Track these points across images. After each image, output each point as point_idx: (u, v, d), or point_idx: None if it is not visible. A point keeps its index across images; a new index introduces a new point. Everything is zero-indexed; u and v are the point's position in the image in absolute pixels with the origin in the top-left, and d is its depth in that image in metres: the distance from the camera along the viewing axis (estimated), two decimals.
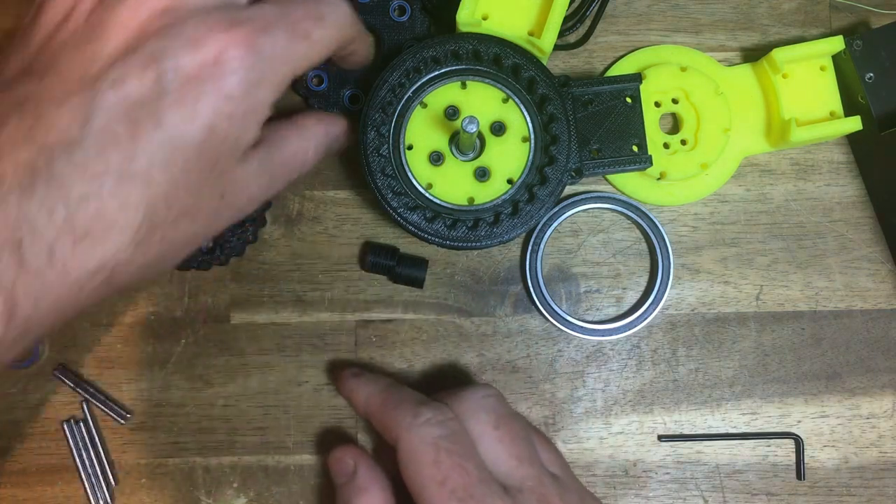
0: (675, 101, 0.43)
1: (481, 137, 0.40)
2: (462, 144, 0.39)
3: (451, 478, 0.32)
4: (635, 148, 0.41)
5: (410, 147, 0.40)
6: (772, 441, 0.43)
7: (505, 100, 0.40)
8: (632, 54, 0.44)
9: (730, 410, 0.43)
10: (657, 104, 0.43)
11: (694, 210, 0.44)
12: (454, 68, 0.40)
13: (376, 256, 0.42)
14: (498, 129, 0.40)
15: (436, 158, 0.40)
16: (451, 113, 0.40)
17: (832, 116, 0.42)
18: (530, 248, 0.43)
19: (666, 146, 0.43)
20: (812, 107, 0.42)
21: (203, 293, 0.43)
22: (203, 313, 0.43)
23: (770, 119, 0.43)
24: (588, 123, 0.40)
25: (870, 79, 0.41)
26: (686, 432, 0.43)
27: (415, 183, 0.39)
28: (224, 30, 0.29)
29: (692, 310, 0.43)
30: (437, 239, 0.38)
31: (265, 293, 0.43)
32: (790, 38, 0.45)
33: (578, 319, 0.42)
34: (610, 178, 0.43)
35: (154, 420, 0.43)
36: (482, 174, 0.40)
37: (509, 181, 0.40)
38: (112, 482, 0.42)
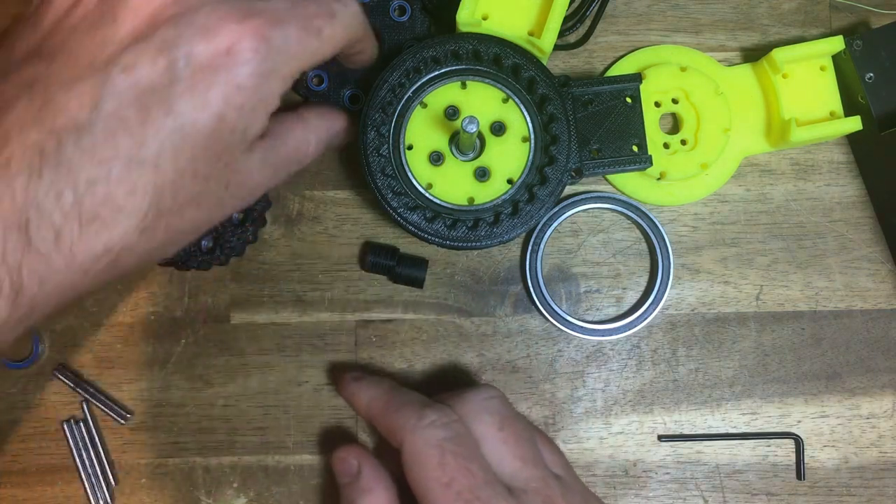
0: (675, 101, 0.43)
1: (481, 137, 0.40)
2: (462, 144, 0.39)
3: (457, 479, 0.32)
4: (635, 148, 0.41)
5: (410, 147, 0.40)
6: (772, 441, 0.43)
7: (505, 100, 0.40)
8: (632, 54, 0.44)
9: (730, 410, 0.43)
10: (657, 104, 0.43)
11: (694, 210, 0.44)
12: (454, 68, 0.40)
13: (376, 256, 0.42)
14: (498, 129, 0.40)
15: (436, 158, 0.40)
16: (451, 113, 0.40)
17: (832, 116, 0.42)
18: (530, 248, 0.43)
19: (666, 146, 0.43)
20: (812, 107, 0.42)
21: (203, 293, 0.43)
22: (203, 313, 0.43)
23: (770, 119, 0.43)
24: (588, 123, 0.40)
25: (870, 79, 0.41)
26: (686, 432, 0.43)
27: (415, 183, 0.39)
28: (237, 20, 0.29)
29: (692, 310, 0.43)
30: (437, 239, 0.38)
31: (265, 293, 0.43)
32: (790, 38, 0.45)
33: (578, 319, 0.42)
34: (610, 178, 0.43)
35: (154, 420, 0.43)
36: (482, 174, 0.40)
37: (509, 181, 0.40)
38: (112, 482, 0.42)
